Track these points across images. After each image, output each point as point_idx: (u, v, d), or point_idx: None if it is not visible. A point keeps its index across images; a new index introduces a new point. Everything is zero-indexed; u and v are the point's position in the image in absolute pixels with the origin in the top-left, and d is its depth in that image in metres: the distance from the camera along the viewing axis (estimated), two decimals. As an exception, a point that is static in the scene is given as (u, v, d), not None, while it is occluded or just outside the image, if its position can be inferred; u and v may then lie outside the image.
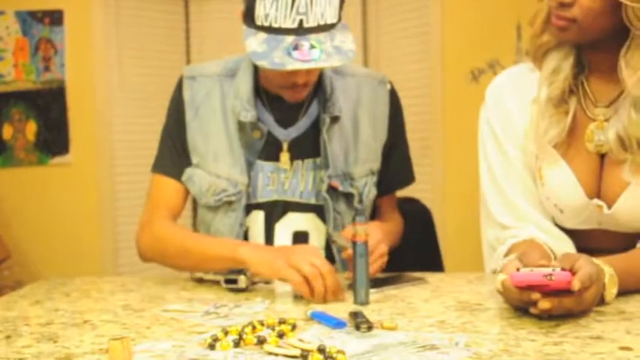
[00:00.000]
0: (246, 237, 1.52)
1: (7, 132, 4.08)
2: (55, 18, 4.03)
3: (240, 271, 1.33)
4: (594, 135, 1.28)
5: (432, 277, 1.39)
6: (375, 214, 1.65)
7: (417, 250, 1.87)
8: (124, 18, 4.09)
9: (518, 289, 1.04)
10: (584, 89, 1.31)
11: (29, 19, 4.03)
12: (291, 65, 1.28)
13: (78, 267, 3.75)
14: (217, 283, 1.37)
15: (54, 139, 4.07)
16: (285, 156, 1.51)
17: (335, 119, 1.50)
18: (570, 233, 1.34)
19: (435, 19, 3.78)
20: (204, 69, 1.56)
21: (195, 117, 1.52)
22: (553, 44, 1.30)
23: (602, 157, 1.29)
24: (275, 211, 1.51)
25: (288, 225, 1.52)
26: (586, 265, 1.04)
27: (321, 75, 1.51)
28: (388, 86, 1.59)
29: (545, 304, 1.00)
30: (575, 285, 0.99)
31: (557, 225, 1.35)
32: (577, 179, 1.29)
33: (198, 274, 1.43)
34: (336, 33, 1.33)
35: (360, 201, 1.52)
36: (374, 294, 1.23)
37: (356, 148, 1.53)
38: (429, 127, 3.81)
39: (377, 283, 1.29)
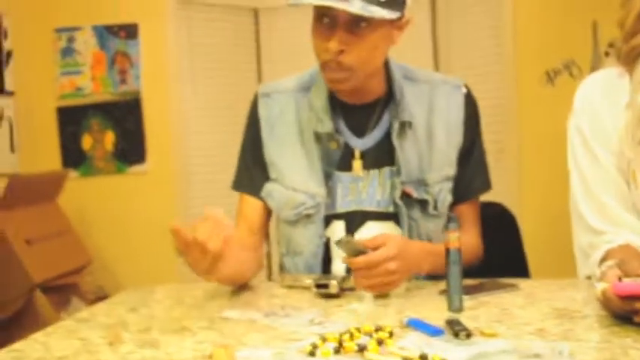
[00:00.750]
0: (327, 247, 1.53)
1: (87, 143, 4.21)
2: (130, 32, 4.14)
3: (330, 276, 1.34)
4: None
5: (523, 283, 1.37)
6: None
7: (502, 255, 1.84)
8: (196, 30, 4.17)
9: (621, 299, 1.01)
10: None
11: (105, 33, 4.16)
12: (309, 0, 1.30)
13: (156, 273, 3.84)
14: (308, 288, 1.38)
15: (131, 149, 4.18)
16: (357, 163, 1.51)
17: (405, 125, 1.50)
18: None
19: (507, 18, 3.72)
20: (278, 85, 1.59)
21: (272, 133, 1.55)
22: None
23: None
24: (354, 220, 1.52)
25: (367, 234, 1.51)
26: None
27: (390, 82, 1.52)
28: (464, 90, 1.57)
29: None
30: None
31: None
32: None
33: (287, 281, 1.44)
34: (374, 3, 1.33)
35: (435, 207, 1.51)
36: (467, 301, 1.22)
37: (430, 154, 1.52)
38: (503, 129, 3.75)
39: (469, 290, 1.28)
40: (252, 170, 1.57)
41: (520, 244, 1.91)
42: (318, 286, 1.33)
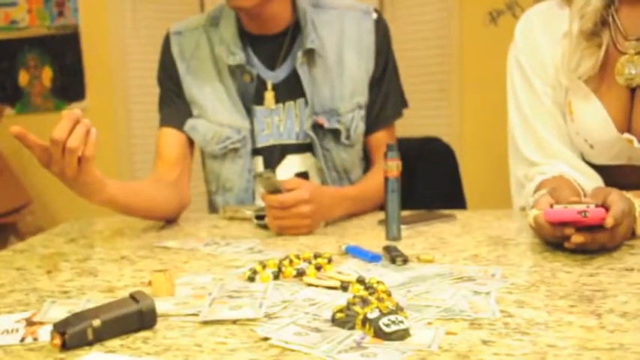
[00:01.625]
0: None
1: (24, 79, 4.08)
2: (68, -38, 3.99)
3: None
4: (625, 68, 1.26)
5: (460, 214, 1.40)
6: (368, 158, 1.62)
7: (440, 188, 1.88)
8: (138, 13, 4.03)
9: (552, 225, 1.04)
10: (615, 22, 1.28)
11: (41, -37, 4.00)
12: None
13: (97, 210, 3.79)
14: (249, 220, 1.38)
15: (70, 85, 4.07)
16: (269, 95, 1.50)
17: (311, 53, 1.48)
18: (599, 170, 1.34)
19: (453, -41, 3.71)
20: (189, 23, 1.57)
21: (188, 70, 1.53)
22: None
23: (632, 91, 1.27)
24: (274, 155, 1.52)
25: (288, 168, 1.52)
26: (619, 200, 1.05)
27: (297, 10, 1.50)
28: (374, 16, 1.56)
29: (578, 238, 1.01)
30: (609, 222, 1.00)
31: (586, 162, 1.35)
32: (608, 114, 1.27)
33: (228, 213, 1.44)
34: None
35: (348, 137, 1.51)
36: (405, 230, 1.24)
37: (341, 82, 1.51)
38: (446, 69, 3.78)
39: (407, 220, 1.30)
40: (177, 104, 1.55)
41: (459, 178, 1.94)
42: (259, 217, 1.33)
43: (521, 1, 3.64)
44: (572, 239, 1.02)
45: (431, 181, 1.82)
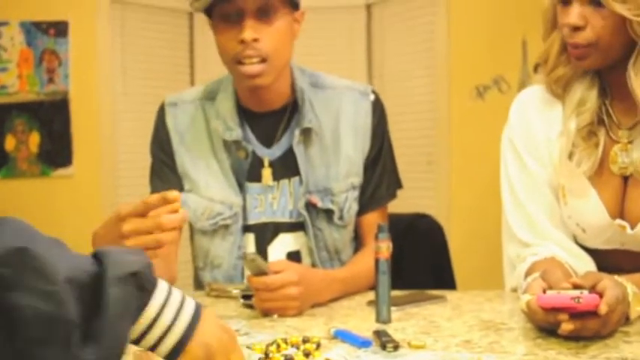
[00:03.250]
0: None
1: (10, 143, 4.06)
2: (59, 29, 4.02)
3: (258, 287, 1.31)
4: (618, 157, 1.27)
5: (451, 295, 1.38)
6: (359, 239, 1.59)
7: (429, 266, 1.86)
8: (128, 30, 4.08)
9: (545, 311, 1.02)
10: (609, 113, 1.29)
11: (34, 29, 4.02)
12: None
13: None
14: (235, 298, 1.35)
15: (57, 151, 4.04)
16: (267, 172, 1.49)
17: (307, 132, 1.48)
18: (591, 253, 1.33)
19: (441, 34, 3.78)
20: (184, 95, 1.57)
21: (182, 143, 1.52)
22: (571, 75, 1.28)
23: (625, 179, 1.28)
24: (266, 233, 1.50)
25: (281, 246, 1.50)
26: (612, 286, 1.03)
27: (295, 89, 1.50)
28: (371, 97, 1.56)
29: (569, 326, 0.99)
30: (603, 309, 0.99)
31: (578, 244, 1.34)
32: (600, 199, 1.27)
33: (214, 291, 1.41)
34: None
35: (341, 217, 1.50)
36: (395, 312, 1.22)
37: (337, 162, 1.50)
38: (434, 142, 3.81)
39: (396, 301, 1.28)
40: (169, 178, 1.52)
41: (448, 256, 1.93)
42: (245, 297, 1.30)
43: (507, 77, 3.70)
44: (563, 327, 1.00)
45: (420, 258, 1.81)
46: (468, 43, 3.74)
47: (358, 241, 1.58)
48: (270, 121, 1.51)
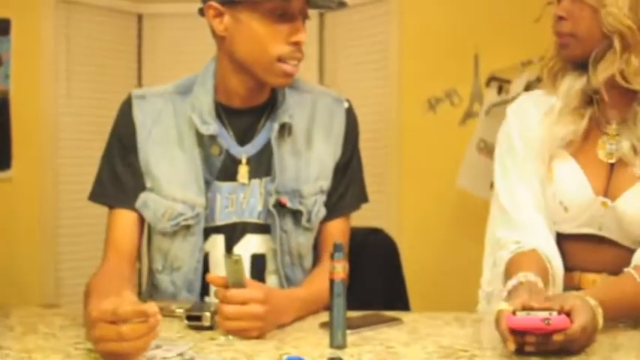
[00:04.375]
0: (206, 263, 1.44)
1: (-55, 144, 3.88)
2: (1, 27, 3.86)
3: (204, 306, 1.24)
4: (606, 145, 1.36)
5: (407, 317, 1.32)
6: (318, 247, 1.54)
7: (382, 283, 1.81)
8: (74, 31, 3.94)
9: (513, 331, 1.03)
10: (599, 107, 1.37)
11: (-27, 27, 3.86)
12: None
13: (15, 292, 3.56)
14: (179, 317, 1.27)
15: (-5, 153, 3.88)
16: (243, 169, 1.44)
17: (285, 127, 1.45)
18: (568, 244, 1.37)
19: (393, 47, 3.75)
20: (152, 89, 1.51)
21: (148, 139, 1.44)
22: (561, 67, 1.39)
23: (611, 166, 1.35)
24: (235, 233, 1.45)
25: (246, 247, 1.44)
26: (581, 308, 1.06)
27: (273, 89, 1.48)
28: (345, 104, 1.55)
29: (531, 339, 1.03)
30: (558, 337, 1.02)
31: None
32: (586, 177, 1.34)
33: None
34: None
35: (309, 220, 1.46)
36: (349, 335, 1.15)
37: (308, 164, 1.47)
38: (385, 153, 3.77)
39: (351, 323, 1.21)
40: (123, 178, 1.44)
41: (401, 272, 1.88)
42: (190, 317, 1.22)
43: (459, 90, 3.69)
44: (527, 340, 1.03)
45: (373, 275, 1.75)
46: (420, 55, 3.72)
47: (316, 249, 1.53)
48: (247, 118, 1.47)
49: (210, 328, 1.22)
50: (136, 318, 0.99)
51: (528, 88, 3.13)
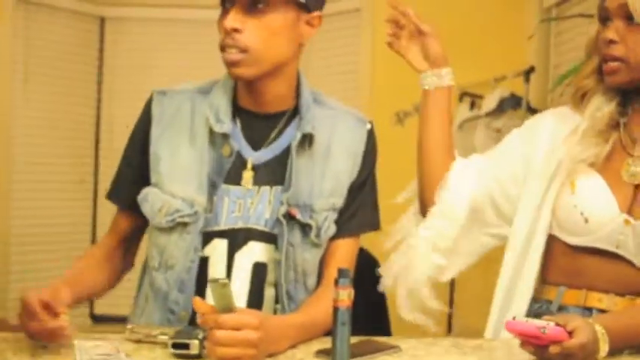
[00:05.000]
0: (204, 267, 1.38)
1: None
2: (-45, 28, 3.70)
3: (192, 332, 1.14)
4: (630, 167, 1.34)
5: (404, 344, 1.24)
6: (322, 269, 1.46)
7: (365, 303, 1.74)
8: (33, 32, 3.81)
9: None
10: (626, 129, 1.36)
11: None
12: None
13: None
14: (162, 344, 1.18)
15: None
16: (248, 174, 1.39)
17: (307, 138, 1.41)
18: (580, 255, 1.35)
19: (365, 59, 3.73)
20: (174, 87, 1.49)
21: (162, 134, 1.42)
22: (594, 87, 1.37)
23: (636, 187, 1.33)
24: (238, 239, 1.38)
25: (248, 255, 1.38)
26: (583, 326, 1.08)
27: (299, 97, 1.45)
28: (368, 126, 1.51)
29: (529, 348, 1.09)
30: (554, 348, 1.05)
31: (567, 245, 1.37)
32: (612, 193, 1.32)
33: (136, 334, 1.23)
34: None
35: (318, 235, 1.40)
36: (349, 366, 1.07)
37: (322, 179, 1.42)
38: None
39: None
40: (125, 177, 1.47)
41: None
42: (176, 345, 1.13)
43: (429, 104, 3.67)
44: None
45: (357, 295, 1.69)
46: (391, 68, 3.67)
47: (319, 268, 1.46)
48: (264, 124, 1.43)
49: (198, 356, 1.13)
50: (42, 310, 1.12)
51: (501, 104, 3.12)
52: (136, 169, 1.44)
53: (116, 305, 3.93)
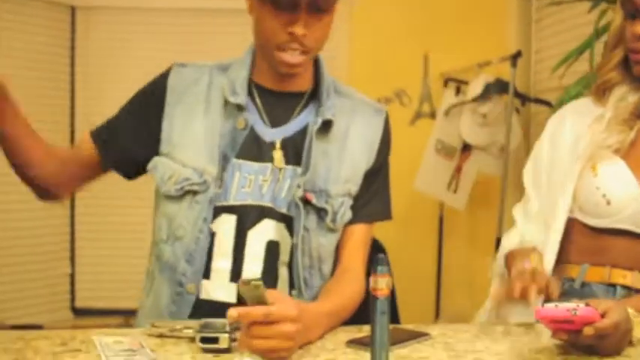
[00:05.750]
0: (212, 243, 1.36)
1: None
2: None
3: (218, 325, 1.10)
4: None
5: (432, 330, 1.23)
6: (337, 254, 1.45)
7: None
8: (2, 23, 3.68)
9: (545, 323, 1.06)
10: None
11: None
12: None
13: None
14: (186, 338, 1.14)
15: None
16: (278, 154, 1.38)
17: (327, 125, 1.40)
18: (595, 243, 1.38)
19: (343, 47, 3.69)
20: (196, 61, 1.48)
21: (177, 104, 1.42)
22: (619, 80, 1.41)
23: None
24: (249, 216, 1.36)
25: (263, 233, 1.36)
26: (616, 307, 1.06)
27: (320, 83, 1.44)
28: (384, 115, 1.51)
29: (563, 337, 1.05)
30: (587, 330, 1.02)
31: (588, 227, 1.38)
32: (633, 175, 1.35)
33: (158, 329, 1.18)
34: None
35: (334, 220, 1.39)
36: (383, 355, 1.04)
37: (340, 166, 1.41)
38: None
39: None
40: (118, 133, 1.44)
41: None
42: (205, 339, 1.09)
43: (409, 90, 3.66)
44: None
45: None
46: (369, 55, 3.67)
47: (336, 259, 1.44)
48: (281, 102, 1.43)
49: (227, 350, 1.09)
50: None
51: (486, 89, 3.12)
52: (138, 127, 1.43)
53: (97, 298, 3.93)
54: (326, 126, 1.41)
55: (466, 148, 3.30)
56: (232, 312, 1.03)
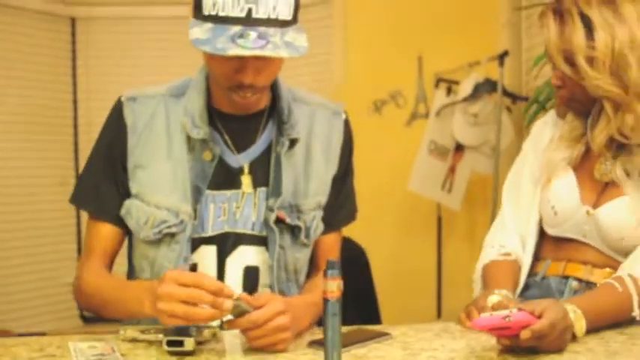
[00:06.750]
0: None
1: None
2: None
3: (186, 330, 1.16)
4: (602, 166, 1.41)
5: (394, 331, 1.27)
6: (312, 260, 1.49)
7: (352, 292, 1.76)
8: (3, 35, 3.75)
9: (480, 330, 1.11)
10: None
11: None
12: (233, 51, 1.19)
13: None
14: (155, 343, 1.19)
15: None
16: (247, 179, 1.38)
17: (293, 142, 1.40)
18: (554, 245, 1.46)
19: (338, 49, 3.74)
20: (144, 90, 1.43)
21: (138, 143, 1.38)
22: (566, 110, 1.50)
23: (606, 184, 1.41)
24: (226, 243, 1.38)
25: (239, 259, 1.38)
26: (551, 306, 1.12)
27: (278, 98, 1.41)
28: (343, 116, 1.50)
29: (505, 342, 1.10)
30: (524, 334, 1.07)
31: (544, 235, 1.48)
32: (578, 187, 1.42)
33: (130, 334, 1.24)
34: (289, 30, 1.26)
35: (307, 236, 1.41)
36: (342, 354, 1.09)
37: (306, 179, 1.42)
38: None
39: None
40: (105, 191, 1.39)
41: (370, 278, 1.84)
42: (171, 342, 1.14)
43: (404, 92, 3.69)
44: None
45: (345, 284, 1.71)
46: (364, 58, 3.71)
47: (312, 264, 1.48)
48: (245, 125, 1.40)
49: (192, 353, 1.14)
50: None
51: (477, 89, 3.15)
52: (118, 183, 1.39)
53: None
54: (292, 143, 1.40)
55: (459, 148, 3.34)
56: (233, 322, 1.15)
